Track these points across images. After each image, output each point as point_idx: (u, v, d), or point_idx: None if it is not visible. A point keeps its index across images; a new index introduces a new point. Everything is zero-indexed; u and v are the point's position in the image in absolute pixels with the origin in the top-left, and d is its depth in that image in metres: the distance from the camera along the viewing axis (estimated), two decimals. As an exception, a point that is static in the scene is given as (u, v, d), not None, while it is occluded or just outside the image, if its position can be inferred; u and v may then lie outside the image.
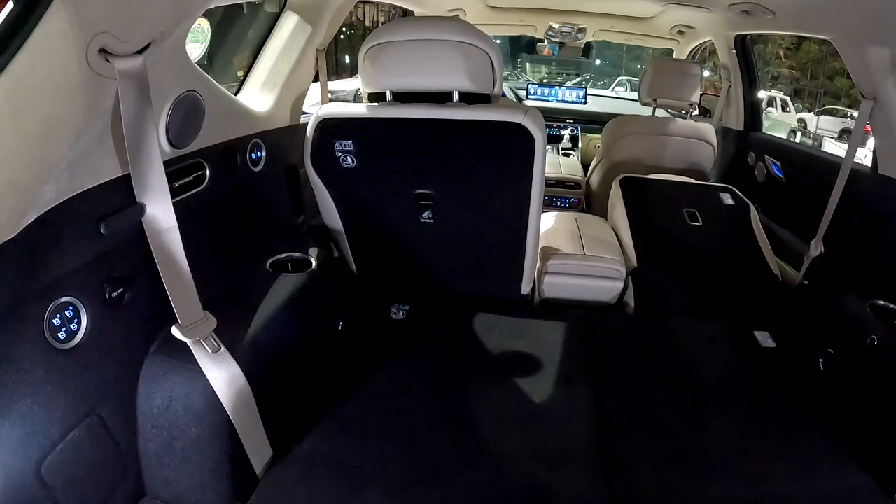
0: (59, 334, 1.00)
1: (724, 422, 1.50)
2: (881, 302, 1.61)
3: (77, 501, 1.03)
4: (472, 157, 1.69)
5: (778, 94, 15.01)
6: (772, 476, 1.34)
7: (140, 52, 0.99)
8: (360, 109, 1.67)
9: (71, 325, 1.02)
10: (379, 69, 1.61)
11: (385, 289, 2.02)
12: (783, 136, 11.16)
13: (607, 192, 2.54)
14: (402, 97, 1.67)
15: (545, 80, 6.37)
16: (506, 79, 6.74)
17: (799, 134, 13.71)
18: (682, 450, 1.40)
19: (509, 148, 1.64)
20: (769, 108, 14.59)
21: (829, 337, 1.67)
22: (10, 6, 0.75)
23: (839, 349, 1.61)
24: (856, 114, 1.80)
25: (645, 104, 3.15)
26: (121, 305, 1.13)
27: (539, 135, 1.61)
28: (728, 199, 2.39)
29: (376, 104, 1.67)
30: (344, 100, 6.76)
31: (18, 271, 0.92)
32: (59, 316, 1.00)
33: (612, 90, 10.07)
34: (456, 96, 1.63)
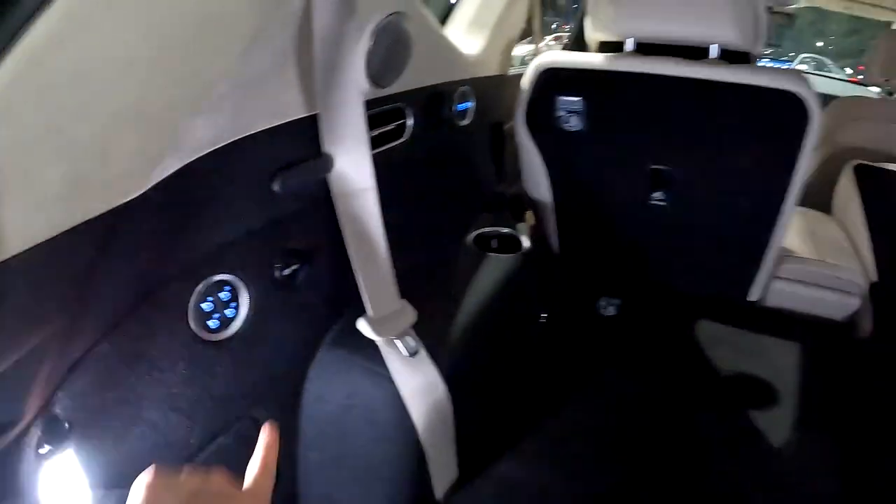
0: (211, 322, 0.79)
1: None
2: None
3: None
4: (728, 130, 1.38)
5: None
6: None
7: None
8: (594, 59, 1.37)
9: (226, 311, 0.81)
10: (620, 9, 1.34)
11: (593, 277, 1.83)
12: None
13: (824, 183, 2.17)
14: (646, 49, 1.38)
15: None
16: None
17: None
18: None
19: (777, 122, 1.32)
20: None
21: None
22: None
23: None
24: None
25: (873, 85, 2.76)
26: (292, 286, 0.91)
27: (816, 109, 1.26)
28: None
29: (614, 55, 1.37)
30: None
31: (157, 238, 0.69)
32: (210, 299, 0.78)
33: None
34: (715, 52, 1.32)
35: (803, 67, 9.76)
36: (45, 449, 0.61)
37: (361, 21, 0.83)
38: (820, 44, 16.06)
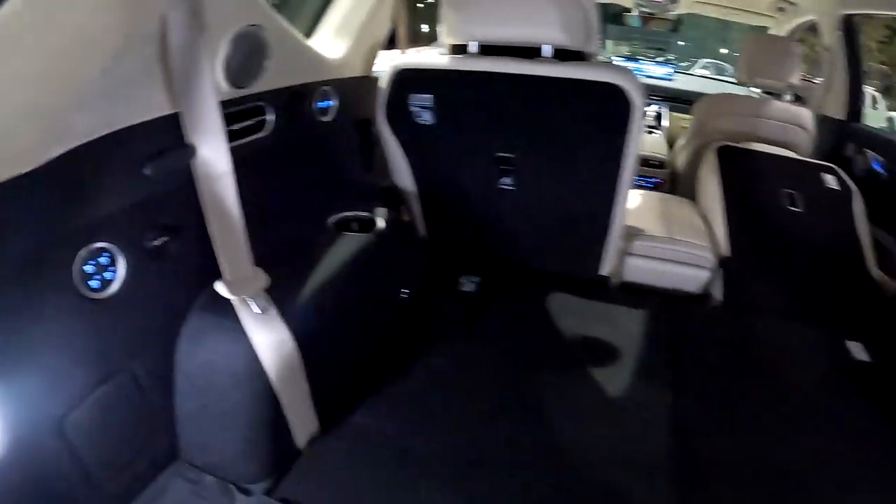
0: (92, 282, 0.93)
1: (813, 439, 1.36)
2: None
3: (101, 461, 0.97)
4: (561, 119, 1.55)
5: (869, 90, 13.87)
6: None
7: None
8: (441, 60, 1.54)
9: (105, 274, 0.95)
10: (464, 16, 1.48)
11: (455, 258, 1.94)
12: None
13: (695, 173, 2.36)
14: (487, 50, 1.53)
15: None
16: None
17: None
18: (764, 466, 1.28)
19: (604, 112, 1.49)
20: None
21: None
22: None
23: None
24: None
25: (741, 83, 2.93)
26: (163, 255, 1.05)
27: (638, 100, 1.45)
28: (832, 183, 2.15)
29: (459, 56, 1.54)
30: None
31: (43, 209, 0.83)
32: (92, 262, 0.92)
33: (695, 72, 9.72)
34: (546, 51, 1.48)
35: (704, 71, 10.49)
36: None
37: (215, 34, 1.00)
38: (724, 50, 17.12)
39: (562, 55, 1.49)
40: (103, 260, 0.94)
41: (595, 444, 1.28)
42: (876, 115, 13.60)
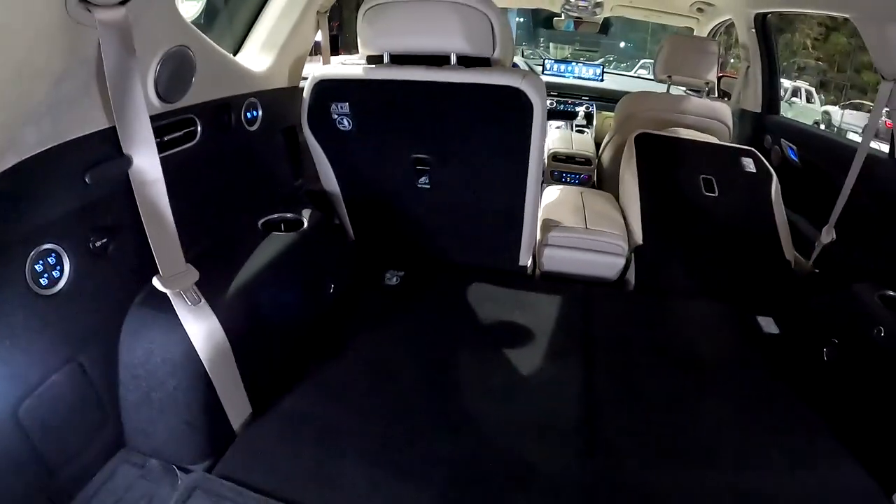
0: (41, 280, 1.02)
1: (718, 408, 1.47)
2: (891, 292, 1.57)
3: (54, 448, 1.06)
4: (469, 121, 1.68)
5: (803, 85, 14.73)
6: (762, 468, 1.31)
7: (123, 2, 1.00)
8: (357, 71, 1.66)
9: (53, 272, 1.04)
10: (376, 31, 1.60)
11: (381, 254, 2.03)
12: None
13: (618, 168, 2.48)
14: (399, 59, 1.66)
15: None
16: (528, 57, 6.63)
17: (823, 126, 13.45)
18: (670, 435, 1.37)
19: (507, 113, 1.63)
20: (793, 98, 14.33)
21: (834, 326, 1.63)
22: None
23: (844, 339, 1.57)
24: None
25: (660, 81, 3.08)
26: (105, 255, 1.15)
27: (538, 100, 1.59)
28: (750, 166, 2.28)
29: (373, 66, 1.67)
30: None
31: None
32: (41, 262, 1.02)
33: (636, 73, 10.06)
34: (454, 59, 1.61)
35: (644, 71, 10.80)
36: None
37: (146, 55, 1.12)
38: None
39: (468, 62, 1.61)
40: (51, 259, 1.04)
41: (511, 416, 1.38)
42: (812, 109, 14.22)
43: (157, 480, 1.18)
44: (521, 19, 8.23)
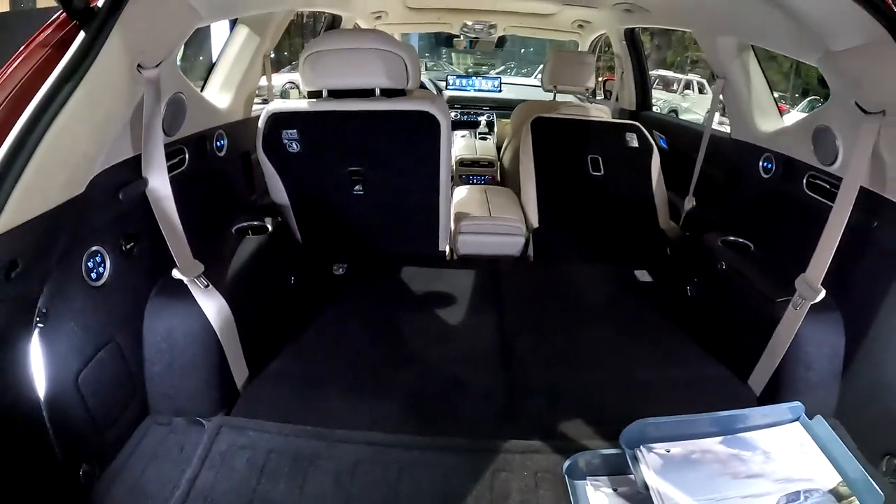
0: (92, 275, 1.29)
1: (603, 332, 1.86)
2: (731, 238, 1.98)
3: (101, 412, 1.28)
4: (392, 139, 2.09)
5: (695, 78, 15.66)
6: (639, 366, 1.68)
7: (157, 65, 1.35)
8: (303, 105, 2.06)
9: (99, 269, 1.31)
10: (317, 72, 1.98)
11: (327, 251, 2.34)
12: (700, 115, 11.75)
13: (517, 167, 2.80)
14: (335, 94, 2.06)
15: (470, 70, 6.76)
16: (431, 69, 7.14)
17: (718, 115, 14.17)
18: (566, 351, 1.76)
19: (420, 131, 2.05)
20: (687, 91, 15.25)
21: (693, 268, 2.05)
22: (81, 35, 1.12)
23: (700, 276, 1.98)
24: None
25: (548, 90, 3.52)
26: (132, 255, 1.42)
27: (443, 119, 2.03)
28: (633, 141, 2.62)
29: (315, 100, 2.06)
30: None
31: (75, 222, 1.21)
32: (91, 261, 1.29)
33: (536, 77, 10.50)
34: (377, 92, 2.03)
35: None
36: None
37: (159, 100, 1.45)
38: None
39: (389, 93, 2.03)
40: (98, 259, 1.31)
41: (447, 352, 1.75)
42: (705, 98, 14.38)
43: (184, 432, 1.42)
44: (423, 42, 8.63)
